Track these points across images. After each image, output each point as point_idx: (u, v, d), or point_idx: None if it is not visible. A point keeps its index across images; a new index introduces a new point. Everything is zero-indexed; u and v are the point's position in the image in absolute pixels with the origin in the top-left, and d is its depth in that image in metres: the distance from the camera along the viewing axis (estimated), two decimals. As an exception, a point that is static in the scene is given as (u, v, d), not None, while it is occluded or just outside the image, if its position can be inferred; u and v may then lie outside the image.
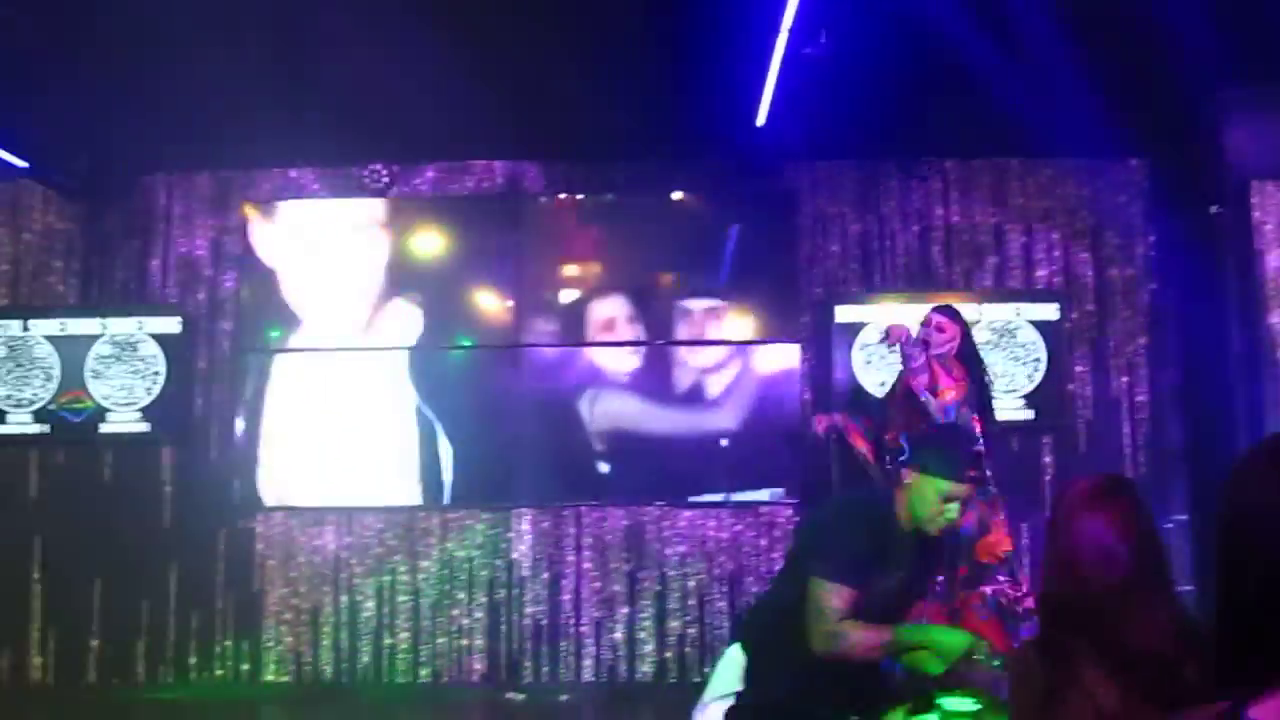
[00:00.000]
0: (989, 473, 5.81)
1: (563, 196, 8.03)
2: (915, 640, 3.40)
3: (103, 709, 7.39)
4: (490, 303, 7.92)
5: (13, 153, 7.32)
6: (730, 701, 3.80)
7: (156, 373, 7.79)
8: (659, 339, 7.80)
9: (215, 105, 6.70)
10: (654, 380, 7.77)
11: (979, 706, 2.97)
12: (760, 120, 6.81)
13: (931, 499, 3.61)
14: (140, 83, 6.46)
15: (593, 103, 6.75)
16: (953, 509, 3.62)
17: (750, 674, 3.93)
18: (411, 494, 7.72)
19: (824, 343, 7.73)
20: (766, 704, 3.69)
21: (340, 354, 7.90)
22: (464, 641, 7.67)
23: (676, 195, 7.95)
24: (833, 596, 3.50)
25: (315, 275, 7.98)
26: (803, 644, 3.70)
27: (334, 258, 7.95)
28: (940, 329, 6.31)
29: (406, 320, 7.89)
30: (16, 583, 7.73)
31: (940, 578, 4.97)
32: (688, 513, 7.72)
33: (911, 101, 6.78)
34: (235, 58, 6.10)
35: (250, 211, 8.01)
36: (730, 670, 4.05)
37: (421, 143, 7.73)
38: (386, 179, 7.98)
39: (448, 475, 7.72)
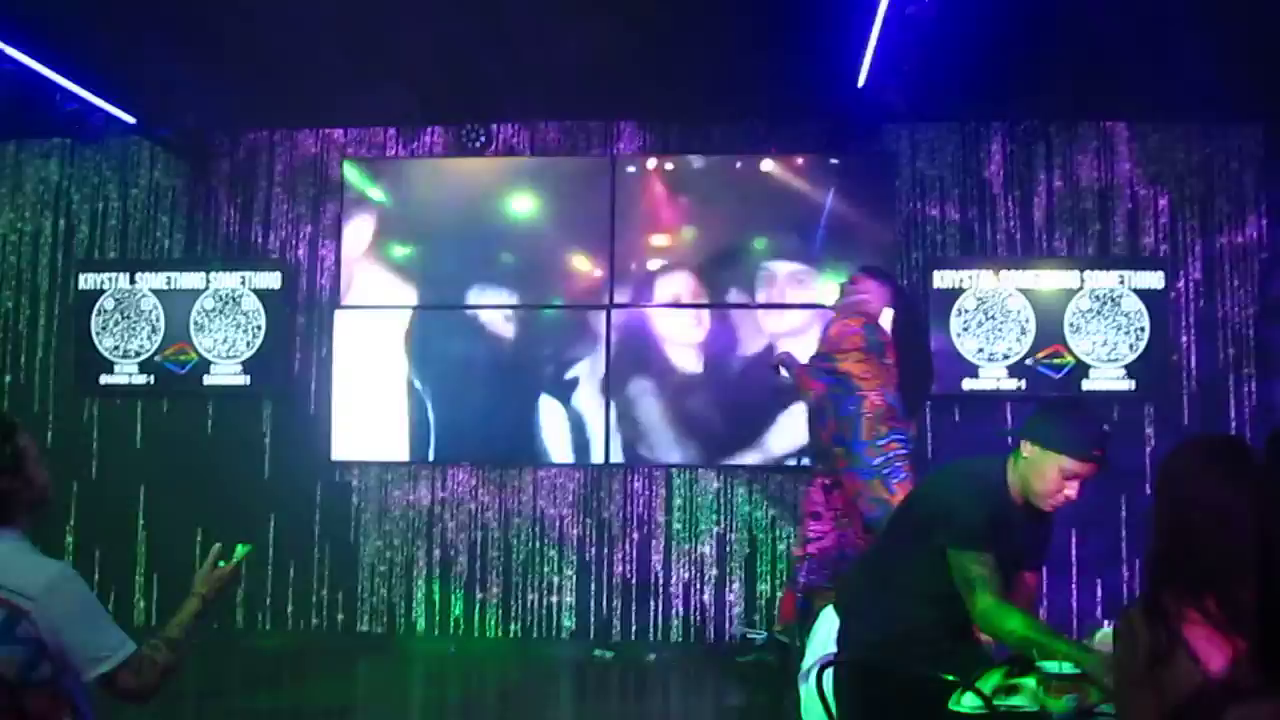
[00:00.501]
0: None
1: (656, 160, 7.95)
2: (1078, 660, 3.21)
3: (202, 653, 7.56)
4: (582, 264, 7.94)
5: (123, 110, 7.47)
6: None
7: (258, 326, 7.98)
8: (751, 303, 7.75)
9: (317, 63, 6.80)
10: (749, 342, 7.73)
11: (1079, 672, 2.93)
12: (860, 81, 6.71)
13: (1051, 475, 3.54)
14: (245, 41, 6.56)
15: (690, 64, 6.72)
16: (1073, 487, 3.54)
17: (844, 635, 3.92)
18: (505, 452, 7.78)
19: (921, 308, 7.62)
20: (861, 664, 3.68)
21: (441, 312, 7.93)
22: (554, 598, 7.76)
23: (772, 159, 7.84)
24: (977, 564, 3.46)
25: (419, 234, 8.02)
26: (899, 606, 3.69)
27: (441, 216, 7.97)
28: (854, 282, 6.36)
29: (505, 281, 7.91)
30: (123, 529, 7.98)
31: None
32: (779, 476, 7.71)
33: (1016, 61, 6.65)
34: (337, 16, 6.17)
35: (350, 169, 8.08)
36: (825, 634, 4.04)
37: (519, 103, 7.74)
38: (483, 139, 8.02)
39: (540, 433, 7.76)
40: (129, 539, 8.02)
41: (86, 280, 8.14)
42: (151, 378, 8.05)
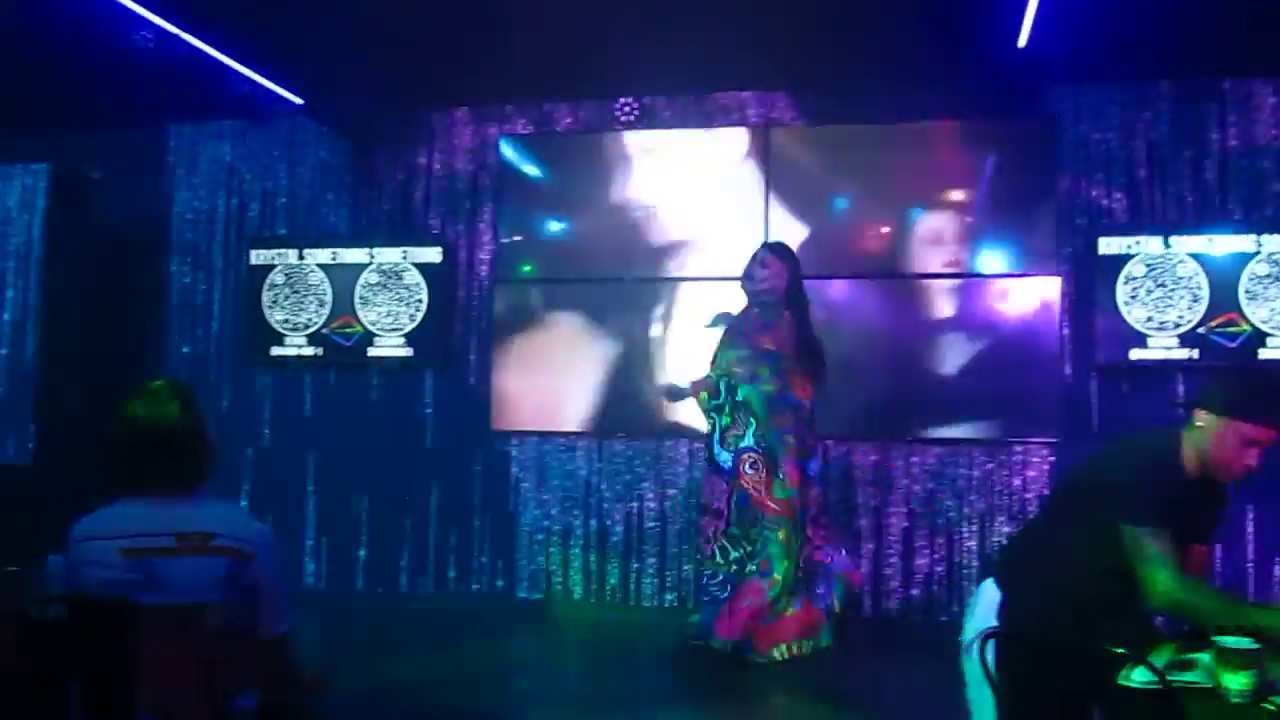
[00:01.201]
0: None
1: (809, 130, 7.89)
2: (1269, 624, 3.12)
3: (368, 614, 7.87)
4: (735, 236, 7.91)
5: (290, 92, 7.72)
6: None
7: (419, 300, 8.18)
8: (912, 271, 7.62)
9: (476, 41, 6.92)
10: (904, 313, 7.62)
11: (1258, 646, 2.82)
12: (1021, 42, 6.52)
13: (1230, 443, 3.41)
14: (405, 21, 6.70)
15: (843, 30, 6.63)
16: (1253, 455, 3.40)
17: (1008, 608, 3.84)
18: (661, 423, 7.83)
19: (1086, 276, 7.42)
20: (1027, 637, 3.60)
21: (597, 285, 8.10)
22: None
23: (931, 123, 7.69)
24: (1152, 539, 3.37)
25: (575, 208, 8.11)
26: (1064, 579, 3.61)
27: (596, 190, 8.04)
28: (764, 265, 6.36)
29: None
30: (293, 495, 8.30)
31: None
32: (937, 449, 7.58)
33: (1186, 14, 6.37)
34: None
35: (507, 145, 8.21)
36: (985, 607, 3.97)
37: (673, 76, 7.75)
38: (637, 113, 8.05)
39: (691, 404, 7.77)
40: (299, 504, 8.35)
41: (258, 256, 8.47)
42: (319, 349, 8.35)
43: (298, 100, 7.86)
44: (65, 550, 2.88)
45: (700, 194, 8.06)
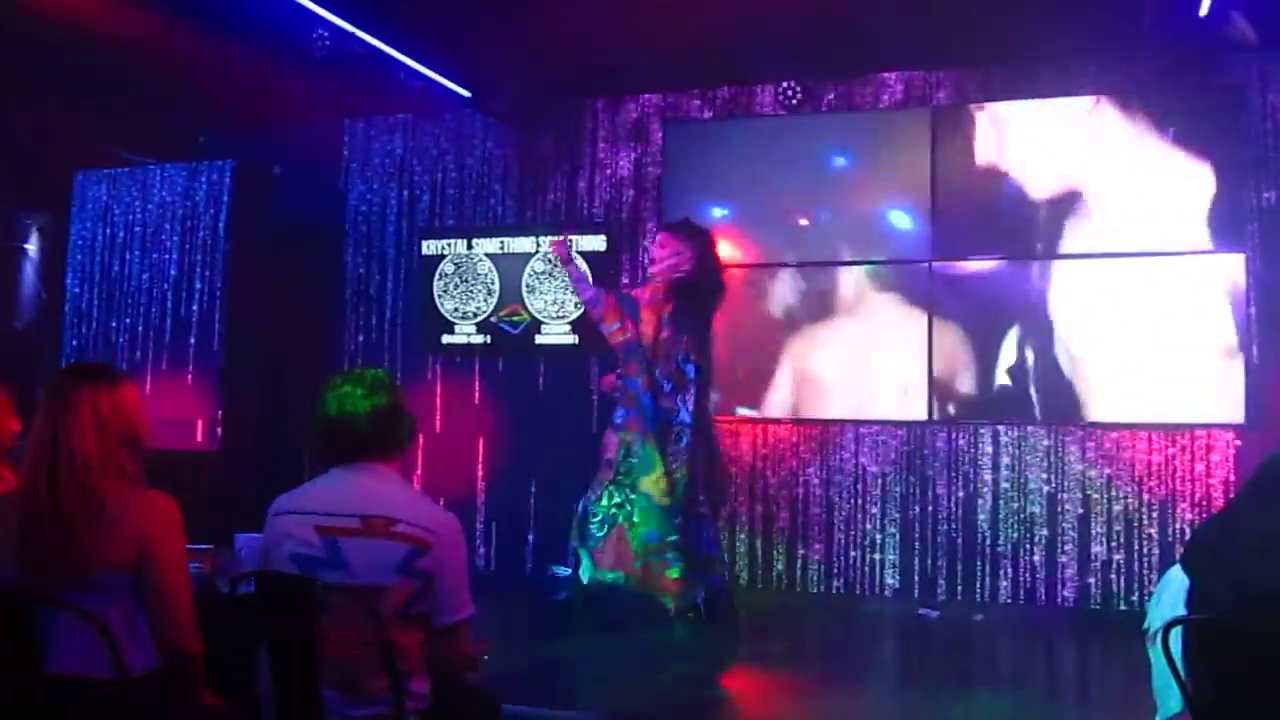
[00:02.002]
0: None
1: (977, 109, 7.72)
2: None
3: (536, 596, 7.97)
4: (901, 219, 7.78)
5: (458, 84, 7.88)
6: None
7: (585, 288, 8.23)
8: (1087, 251, 7.39)
9: (634, 30, 6.94)
10: (1077, 294, 7.41)
11: None
12: (1203, 10, 6.24)
13: None
14: (567, 11, 6.76)
15: (1011, 2, 6.44)
16: None
17: (1195, 595, 3.70)
18: (820, 407, 7.77)
19: (1273, 253, 7.08)
20: (1216, 625, 3.47)
21: (761, 269, 8.15)
22: (876, 556, 7.70)
23: (1104, 97, 7.44)
24: None
25: (738, 193, 8.11)
26: (1258, 567, 3.45)
27: (759, 175, 8.04)
28: (661, 245, 6.39)
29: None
30: (464, 479, 8.48)
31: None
32: (1115, 434, 7.34)
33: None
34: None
35: (670, 132, 8.26)
36: (1171, 595, 3.83)
37: (835, 58, 7.69)
38: (799, 96, 8.00)
39: (861, 389, 7.71)
40: (470, 489, 8.53)
41: (429, 246, 8.69)
42: (488, 337, 8.52)
43: (465, 93, 8.04)
44: (264, 524, 3.00)
45: (864, 176, 7.95)
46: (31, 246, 9.58)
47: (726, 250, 8.13)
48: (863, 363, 7.83)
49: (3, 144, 8.66)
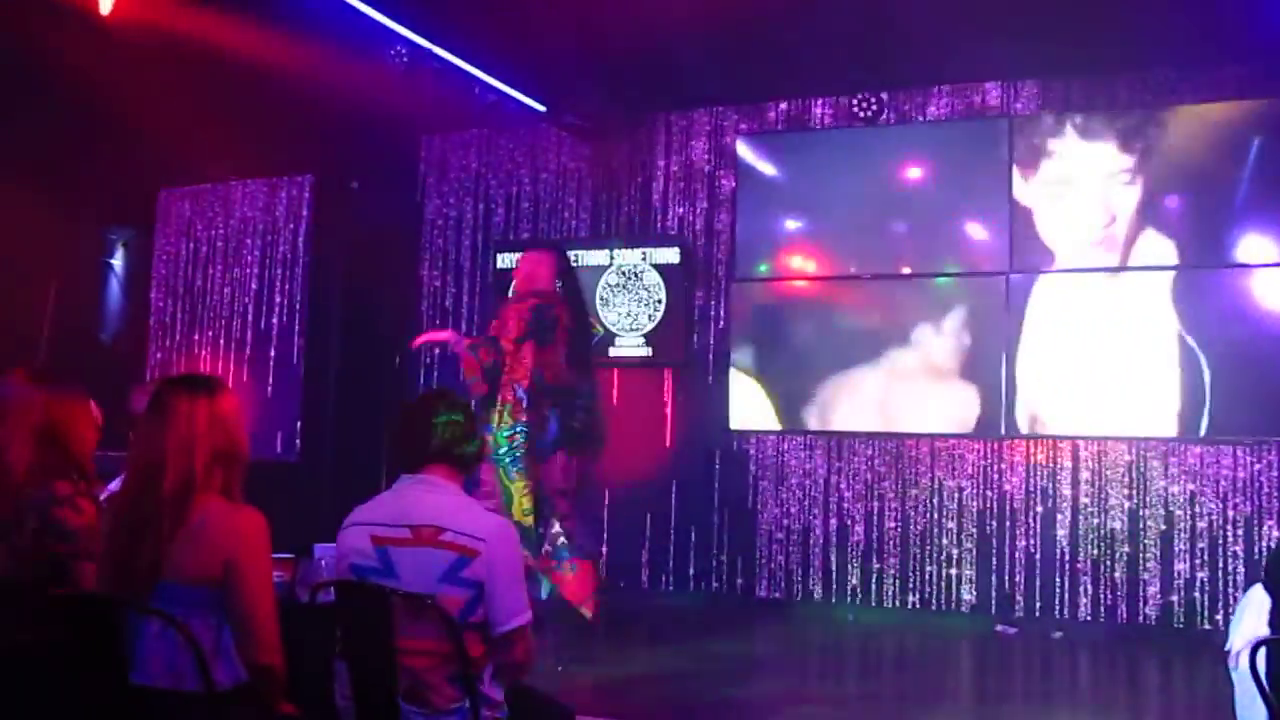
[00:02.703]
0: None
1: (1056, 118, 7.66)
2: None
3: (609, 608, 7.98)
4: (980, 231, 7.71)
5: (533, 98, 7.95)
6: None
7: (659, 300, 8.32)
8: (1177, 263, 7.25)
9: (709, 43, 6.97)
10: (1162, 306, 7.26)
11: None
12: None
13: None
14: (637, 25, 6.80)
15: (1090, 10, 6.36)
16: None
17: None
18: (901, 421, 7.72)
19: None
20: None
21: (837, 284, 8.15)
22: (953, 571, 7.62)
23: (1186, 106, 7.32)
24: None
25: (812, 206, 8.10)
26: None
27: (833, 187, 7.98)
28: (516, 267, 6.53)
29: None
30: (539, 491, 8.49)
31: None
32: (1198, 449, 7.20)
33: None
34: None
35: (743, 145, 8.24)
36: (1253, 614, 3.75)
37: (911, 69, 7.65)
38: (875, 108, 7.94)
39: (937, 404, 7.65)
40: (544, 501, 8.53)
41: (503, 259, 8.78)
42: (562, 350, 8.53)
43: (540, 107, 8.10)
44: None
45: (941, 188, 7.89)
46: (117, 262, 9.82)
47: (800, 263, 8.15)
48: (939, 376, 7.75)
49: (89, 162, 8.89)
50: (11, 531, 2.98)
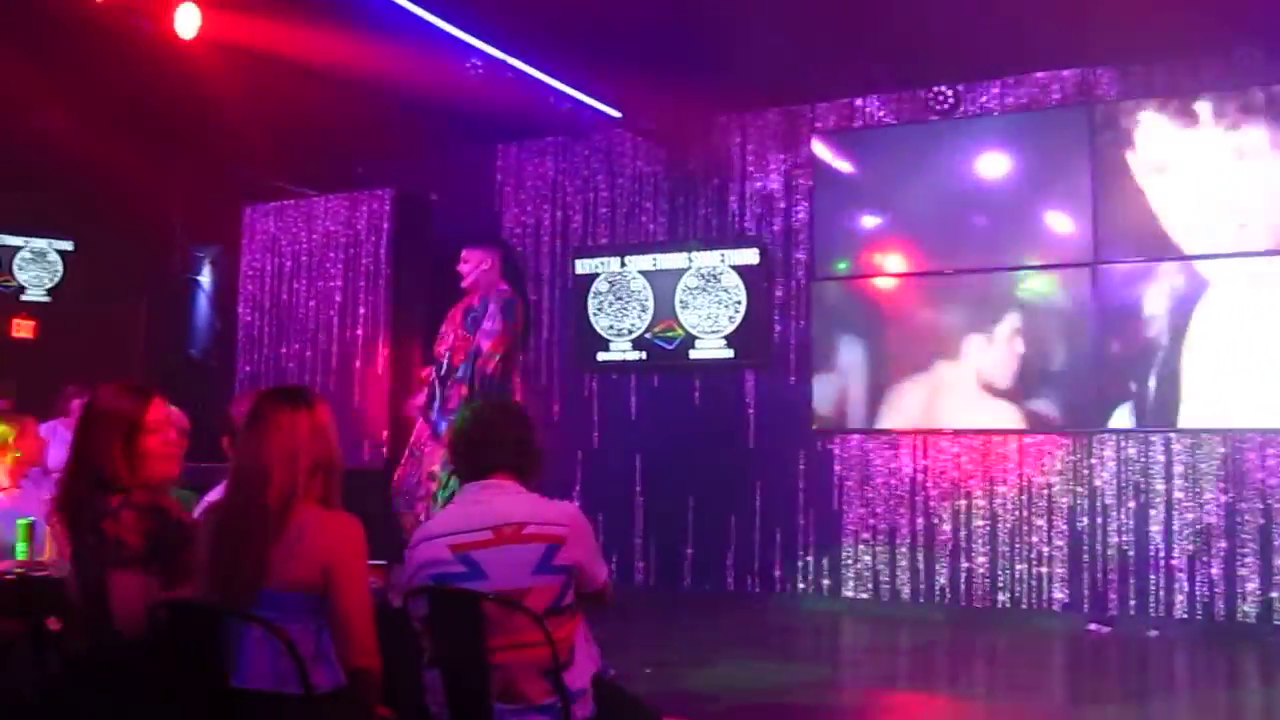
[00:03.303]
0: None
1: (1138, 104, 7.52)
2: None
3: (695, 611, 8.04)
4: (1061, 221, 7.61)
5: (608, 105, 8.01)
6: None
7: (738, 302, 8.35)
8: (1256, 251, 7.11)
9: (782, 42, 6.96)
10: (1256, 294, 7.11)
11: None
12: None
13: None
14: (709, 27, 6.82)
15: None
16: None
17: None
18: (988, 418, 7.64)
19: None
20: None
21: (919, 278, 8.09)
22: (1043, 569, 7.52)
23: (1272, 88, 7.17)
24: None
25: (889, 202, 8.04)
26: None
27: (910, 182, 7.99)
28: (463, 261, 6.47)
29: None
30: (622, 495, 8.60)
31: None
32: (1297, 440, 7.05)
33: None
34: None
35: (819, 143, 8.22)
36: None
37: (987, 59, 7.58)
38: (951, 100, 7.88)
39: (1023, 399, 7.56)
40: (628, 505, 8.63)
41: (582, 265, 8.88)
42: (643, 354, 8.65)
43: (615, 114, 8.16)
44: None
45: (1020, 180, 7.81)
46: (205, 278, 10.06)
47: (880, 260, 8.11)
48: (1025, 371, 7.67)
49: (175, 182, 9.14)
50: (80, 547, 3.09)
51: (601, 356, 8.86)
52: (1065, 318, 7.65)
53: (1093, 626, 7.35)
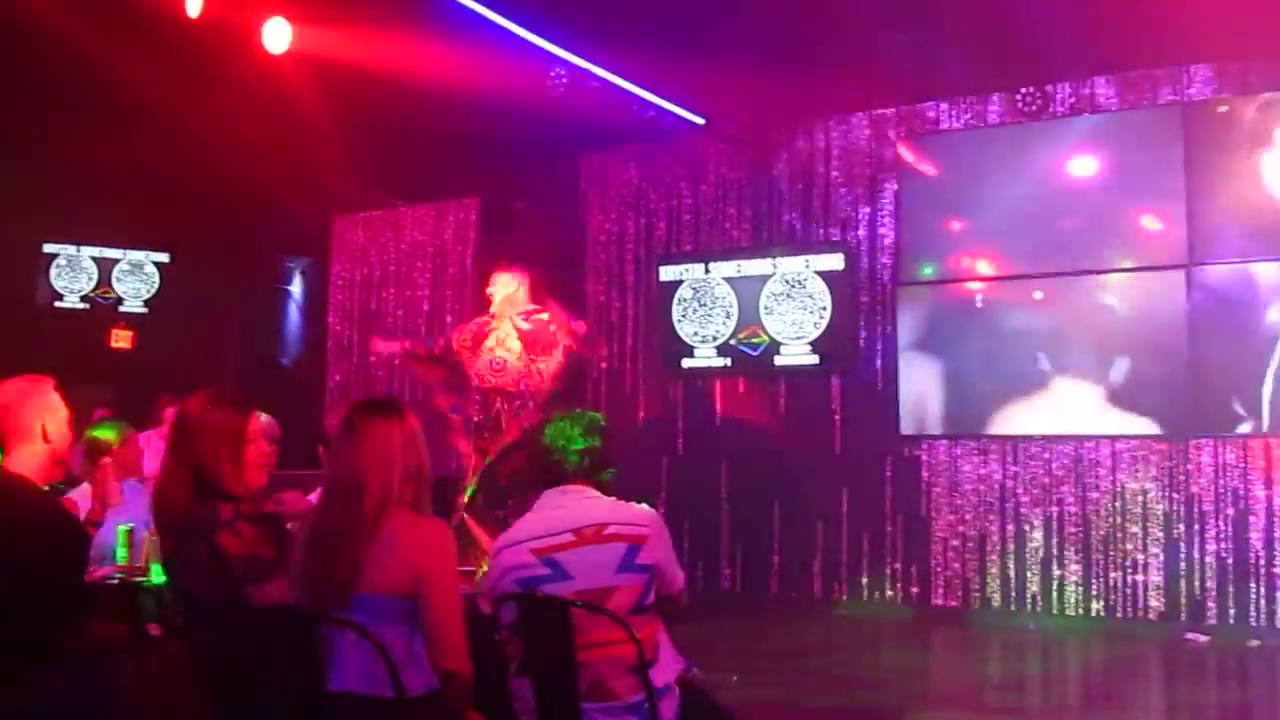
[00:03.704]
0: None
1: (1234, 102, 7.35)
2: None
3: (782, 617, 8.04)
4: (1154, 222, 7.47)
5: (691, 111, 8.04)
6: None
7: (823, 308, 8.33)
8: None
9: (867, 45, 6.98)
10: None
11: None
12: None
13: None
14: (793, 32, 6.82)
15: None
16: None
17: None
18: (1079, 423, 7.52)
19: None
20: None
21: (1005, 282, 7.99)
22: (1139, 577, 7.38)
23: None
24: None
25: (977, 206, 7.97)
26: None
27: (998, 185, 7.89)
28: (491, 282, 6.67)
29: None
30: (708, 501, 8.60)
31: None
32: (1404, 445, 6.84)
33: None
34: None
35: (904, 147, 8.17)
36: None
37: (1076, 59, 7.47)
38: (1039, 101, 7.79)
39: (1117, 403, 7.43)
40: (713, 511, 8.63)
41: (666, 272, 8.90)
42: (728, 360, 8.65)
43: (699, 120, 8.18)
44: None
45: (1111, 180, 7.68)
46: (295, 288, 10.27)
47: (967, 264, 8.03)
48: (1117, 375, 7.53)
49: (267, 195, 9.34)
50: (188, 555, 3.16)
51: (686, 363, 8.88)
52: (1159, 321, 7.50)
53: (1190, 636, 7.19)
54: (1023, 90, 7.94)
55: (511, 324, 6.49)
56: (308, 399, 9.65)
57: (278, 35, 6.44)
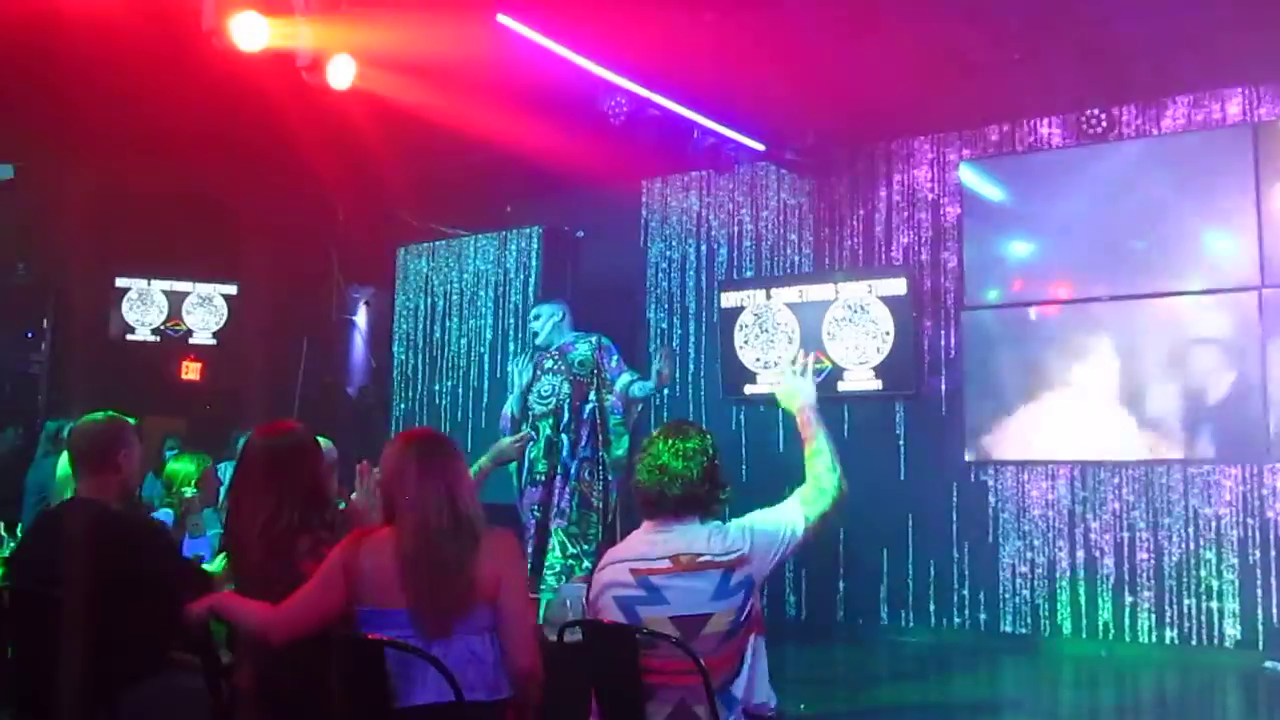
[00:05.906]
0: None
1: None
2: None
3: (848, 644, 8.00)
4: (1224, 245, 7.40)
5: (751, 138, 8.08)
6: None
7: (886, 333, 8.31)
8: None
9: (927, 69, 6.97)
10: None
11: None
12: None
13: None
14: (851, 55, 6.84)
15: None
16: None
17: None
18: (1149, 447, 7.44)
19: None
20: None
21: (1072, 306, 7.91)
22: (1214, 604, 7.28)
23: None
24: None
25: (1041, 229, 7.95)
26: None
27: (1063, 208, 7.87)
28: (535, 318, 7.23)
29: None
30: (772, 528, 8.53)
31: None
32: None
33: None
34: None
35: (967, 170, 8.16)
36: None
37: (1143, 79, 7.41)
38: (1104, 123, 7.75)
39: (1190, 427, 7.35)
40: (778, 538, 8.56)
41: (728, 298, 8.94)
42: (791, 386, 8.56)
43: (759, 146, 8.22)
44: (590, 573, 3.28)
45: (1179, 202, 7.60)
46: (360, 318, 10.42)
47: (1033, 288, 7.98)
48: (1190, 399, 7.45)
49: (332, 226, 9.52)
50: (271, 584, 3.24)
51: (748, 389, 8.90)
52: (1230, 344, 7.42)
53: (1270, 664, 7.07)
54: (1088, 112, 7.90)
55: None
56: (372, 428, 9.78)
57: (342, 71, 6.56)
